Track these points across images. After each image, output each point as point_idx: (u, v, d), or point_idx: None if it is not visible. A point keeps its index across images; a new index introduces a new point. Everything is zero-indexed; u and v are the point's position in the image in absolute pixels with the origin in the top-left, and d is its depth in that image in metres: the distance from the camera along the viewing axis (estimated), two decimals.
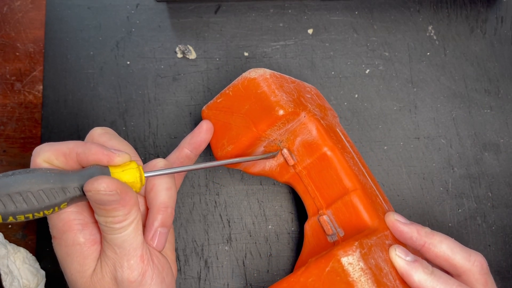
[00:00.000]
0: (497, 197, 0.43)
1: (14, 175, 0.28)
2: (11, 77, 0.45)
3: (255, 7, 0.46)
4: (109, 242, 0.31)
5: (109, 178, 0.28)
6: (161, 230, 0.33)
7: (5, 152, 0.44)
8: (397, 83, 0.45)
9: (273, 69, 0.44)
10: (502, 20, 0.46)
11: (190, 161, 0.38)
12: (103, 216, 0.30)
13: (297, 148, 0.37)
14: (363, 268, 0.29)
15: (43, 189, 0.28)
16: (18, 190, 0.28)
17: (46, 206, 0.28)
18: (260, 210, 0.43)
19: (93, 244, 0.32)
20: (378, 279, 0.30)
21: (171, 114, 0.44)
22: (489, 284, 0.32)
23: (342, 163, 0.35)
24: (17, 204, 0.28)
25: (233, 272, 0.42)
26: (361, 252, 0.30)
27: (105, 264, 0.31)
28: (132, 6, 0.46)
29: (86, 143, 0.31)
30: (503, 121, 0.44)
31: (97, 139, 0.32)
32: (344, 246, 0.30)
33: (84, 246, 0.31)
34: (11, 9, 0.46)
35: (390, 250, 0.32)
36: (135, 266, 0.31)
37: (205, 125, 0.37)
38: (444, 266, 0.33)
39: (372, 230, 0.33)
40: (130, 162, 0.31)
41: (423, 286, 0.31)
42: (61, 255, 0.32)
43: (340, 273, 0.29)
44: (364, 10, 0.46)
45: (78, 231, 0.31)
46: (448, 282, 0.31)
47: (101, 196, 0.28)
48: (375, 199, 0.35)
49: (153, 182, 0.33)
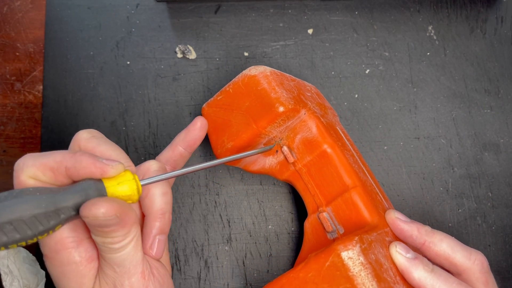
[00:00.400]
0: (497, 197, 0.43)
1: (0, 201, 0.25)
2: (11, 77, 0.45)
3: (255, 7, 0.46)
4: (108, 261, 0.29)
5: (107, 201, 0.26)
6: (160, 237, 0.31)
7: (5, 152, 0.44)
8: (397, 83, 0.45)
9: (274, 68, 0.44)
10: (502, 20, 0.46)
11: (183, 159, 0.37)
12: (101, 237, 0.28)
13: (297, 146, 0.36)
14: (363, 263, 0.29)
15: (35, 214, 0.25)
16: (7, 219, 0.25)
17: (40, 232, 0.26)
18: (260, 210, 0.43)
19: (90, 262, 0.30)
20: (378, 274, 0.29)
21: (171, 114, 0.44)
22: (489, 282, 0.32)
23: (342, 160, 0.35)
24: (9, 235, 0.25)
25: (233, 272, 0.42)
26: (361, 247, 0.29)
27: (104, 282, 0.29)
28: (132, 6, 0.46)
29: (75, 155, 0.28)
30: (503, 121, 0.44)
31: (84, 145, 0.30)
32: (344, 240, 0.30)
33: (81, 265, 0.29)
34: (11, 9, 0.46)
35: (391, 247, 0.32)
36: (137, 284, 0.29)
37: (199, 122, 0.36)
38: (444, 264, 0.33)
39: (372, 226, 0.32)
40: (124, 172, 0.28)
41: (423, 283, 0.30)
42: (55, 275, 0.30)
43: (340, 268, 0.29)
44: (364, 10, 0.46)
45: (73, 249, 0.29)
46: (448, 280, 0.31)
47: (100, 221, 0.26)
48: (375, 196, 0.35)
49: (148, 187, 0.31)
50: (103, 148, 0.30)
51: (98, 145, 0.30)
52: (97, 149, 0.30)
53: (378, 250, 0.31)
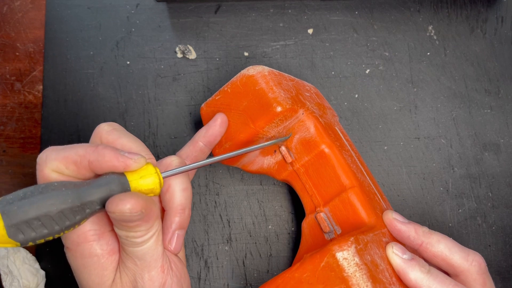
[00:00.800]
0: (497, 197, 0.43)
1: (27, 197, 0.25)
2: (11, 77, 0.45)
3: (255, 7, 0.46)
4: (129, 254, 0.29)
5: (133, 196, 0.26)
6: (179, 232, 0.32)
7: (5, 152, 0.44)
8: (397, 83, 0.45)
9: (273, 68, 0.44)
10: (502, 20, 0.46)
11: (204, 155, 0.37)
12: (125, 231, 0.28)
13: (295, 146, 0.36)
14: (358, 264, 0.29)
15: (62, 210, 0.26)
16: (35, 215, 0.25)
17: (67, 226, 0.26)
18: (260, 210, 0.43)
19: (111, 255, 0.30)
20: (374, 275, 0.29)
21: (171, 114, 0.44)
22: (487, 284, 0.32)
23: (340, 160, 0.35)
24: (37, 230, 0.25)
25: (233, 272, 0.42)
26: (356, 248, 0.29)
27: (125, 275, 0.30)
28: (132, 6, 0.46)
29: (97, 148, 0.28)
30: (503, 121, 0.44)
31: (106, 138, 0.30)
32: (339, 241, 0.29)
33: (102, 258, 0.30)
34: (11, 9, 0.46)
35: (387, 248, 0.32)
36: (156, 277, 0.30)
37: (219, 118, 0.36)
38: (442, 266, 0.33)
39: (370, 227, 0.32)
40: (146, 165, 0.29)
41: (419, 284, 0.30)
42: (76, 267, 0.30)
43: (334, 268, 0.29)
44: (364, 10, 0.46)
45: (95, 242, 0.30)
46: (444, 282, 0.30)
47: (126, 216, 0.27)
48: (373, 197, 0.35)
49: (169, 182, 0.31)
50: (124, 140, 0.30)
51: (119, 138, 0.30)
52: (118, 141, 0.30)
53: (374, 251, 0.31)
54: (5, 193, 0.43)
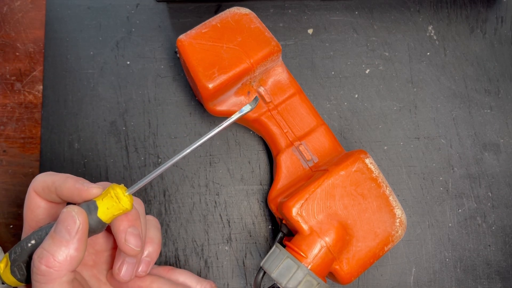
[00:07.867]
0: (497, 197, 0.43)
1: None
2: (11, 77, 0.45)
3: (255, 7, 0.46)
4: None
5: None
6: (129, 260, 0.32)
7: (5, 152, 0.44)
8: (397, 83, 0.45)
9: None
10: (502, 20, 0.46)
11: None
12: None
13: (270, 88, 0.40)
14: (377, 167, 0.37)
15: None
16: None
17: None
18: (260, 210, 0.43)
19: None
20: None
21: (171, 114, 0.44)
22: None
23: (308, 102, 0.41)
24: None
25: (233, 272, 0.42)
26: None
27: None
28: (132, 6, 0.46)
29: (67, 177, 0.31)
30: (503, 121, 0.44)
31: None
32: (359, 152, 0.36)
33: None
34: (11, 9, 0.46)
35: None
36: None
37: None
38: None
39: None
40: (112, 188, 0.30)
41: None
42: None
43: (365, 171, 0.36)
44: (364, 10, 0.46)
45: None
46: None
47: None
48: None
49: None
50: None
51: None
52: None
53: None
54: (5, 193, 0.43)
